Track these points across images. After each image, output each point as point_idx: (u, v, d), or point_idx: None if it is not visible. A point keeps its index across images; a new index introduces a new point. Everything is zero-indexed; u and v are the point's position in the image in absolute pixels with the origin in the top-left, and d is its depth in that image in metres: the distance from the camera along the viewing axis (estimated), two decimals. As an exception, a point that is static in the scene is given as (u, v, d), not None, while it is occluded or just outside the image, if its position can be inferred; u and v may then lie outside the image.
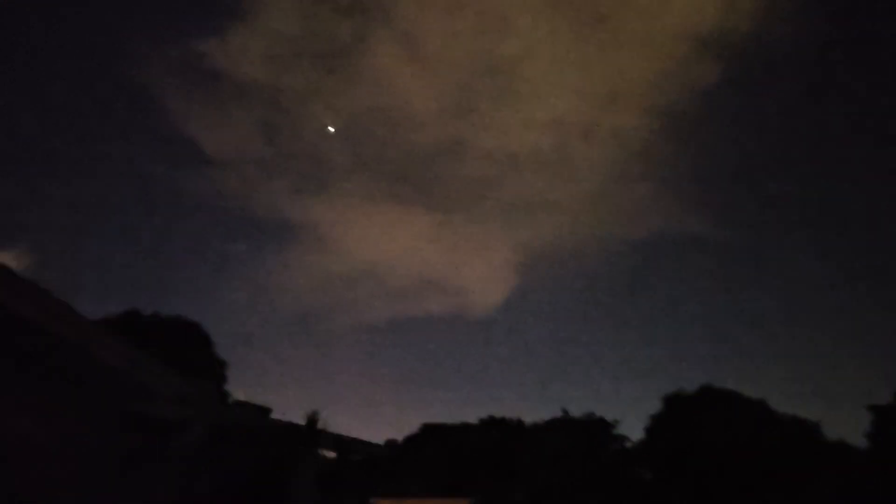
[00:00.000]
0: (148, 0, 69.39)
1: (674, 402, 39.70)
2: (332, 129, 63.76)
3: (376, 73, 67.39)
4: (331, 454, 15.74)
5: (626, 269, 73.31)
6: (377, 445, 18.84)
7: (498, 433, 48.49)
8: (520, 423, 49.62)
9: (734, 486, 36.04)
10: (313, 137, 70.58)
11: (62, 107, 63.55)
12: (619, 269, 73.33)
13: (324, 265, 72.68)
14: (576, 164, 70.93)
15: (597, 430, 39.98)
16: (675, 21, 62.15)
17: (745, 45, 61.95)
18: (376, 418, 72.36)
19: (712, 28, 60.83)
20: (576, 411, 42.02)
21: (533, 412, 62.33)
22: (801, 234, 71.13)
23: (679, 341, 70.16)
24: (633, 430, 43.50)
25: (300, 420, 13.73)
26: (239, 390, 43.34)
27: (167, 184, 70.04)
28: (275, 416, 14.29)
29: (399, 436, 54.86)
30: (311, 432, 13.45)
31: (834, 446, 36.87)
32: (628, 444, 40.61)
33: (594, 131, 69.19)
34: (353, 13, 67.49)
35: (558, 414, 42.51)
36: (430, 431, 53.30)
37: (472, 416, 51.50)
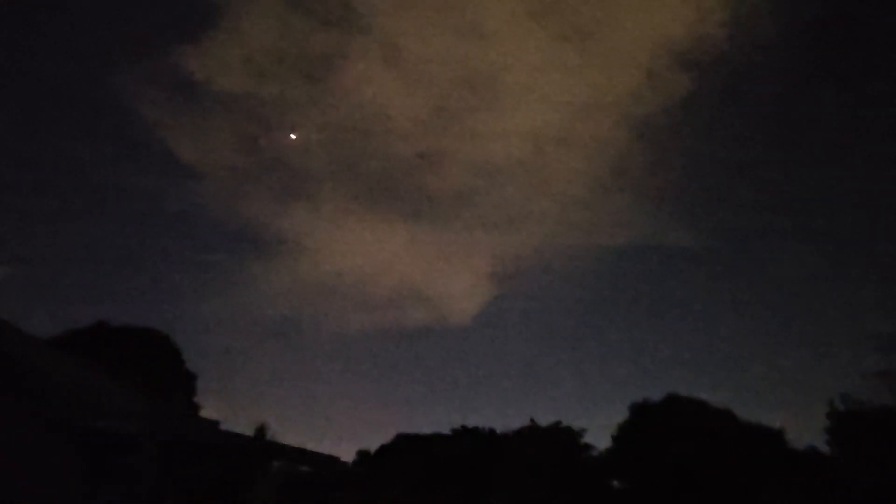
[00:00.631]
0: (122, 7, 68.92)
1: (640, 411, 40.13)
2: (294, 136, 63.75)
3: (355, 83, 67.57)
4: (291, 467, 15.80)
5: (602, 280, 73.97)
6: (334, 458, 18.88)
7: (471, 443, 48.65)
8: (492, 432, 49.84)
9: (701, 494, 36.49)
10: (291, 147, 70.51)
11: (33, 115, 62.92)
12: (595, 280, 73.96)
13: (301, 275, 72.49)
14: (554, 174, 71.57)
15: (564, 438, 40.31)
16: (650, 34, 63.12)
17: (719, 56, 63.03)
18: (351, 428, 72.14)
19: (687, 41, 61.85)
20: (544, 420, 42.33)
21: (505, 421, 62.51)
22: (777, 244, 72.22)
23: (647, 350, 70.80)
24: (601, 438, 43.89)
25: (252, 432, 13.80)
26: (209, 403, 43.10)
27: (141, 193, 69.51)
28: (232, 428, 14.34)
29: (373, 446, 54.91)
30: (262, 445, 13.51)
31: (797, 453, 37.52)
32: (595, 453, 40.96)
33: (572, 141, 69.95)
34: (332, 23, 67.62)
35: (527, 423, 42.76)
36: (404, 441, 53.35)
37: (446, 426, 51.63)
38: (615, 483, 40.88)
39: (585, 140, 68.98)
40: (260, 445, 13.51)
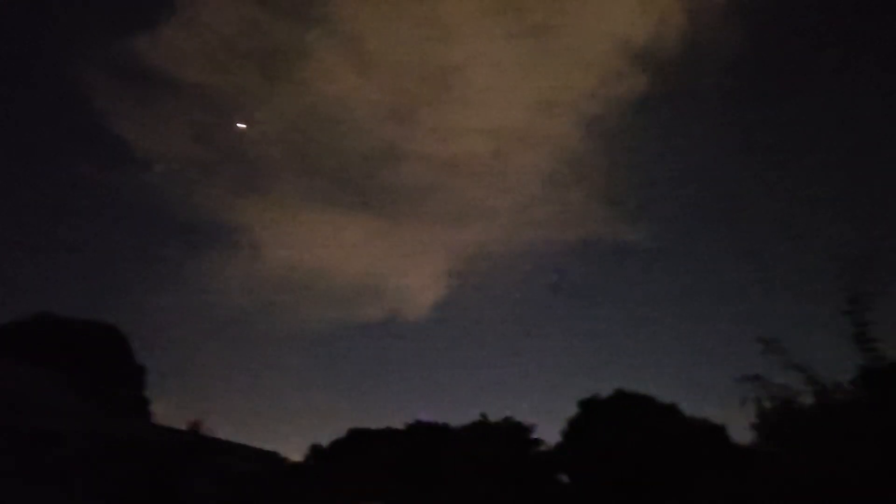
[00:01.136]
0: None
1: (589, 407, 40.75)
2: (242, 126, 63.15)
3: (315, 76, 67.34)
4: (228, 463, 15.77)
5: (557, 275, 74.82)
6: (273, 454, 18.91)
7: (424, 438, 48.83)
8: (445, 427, 50.11)
9: (647, 487, 37.24)
10: (249, 139, 69.80)
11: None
12: (548, 276, 74.86)
13: (256, 269, 72.03)
14: (511, 170, 72.37)
15: (514, 433, 40.74)
16: (609, 35, 64.18)
17: (674, 58, 64.41)
18: (305, 423, 71.90)
19: (644, 42, 63.07)
20: (495, 415, 42.72)
21: (458, 416, 62.95)
22: (726, 241, 73.99)
23: (597, 346, 72.07)
24: (551, 434, 44.50)
25: (184, 427, 13.72)
26: (160, 396, 42.53)
27: (92, 183, 68.19)
28: (177, 423, 14.25)
29: (326, 441, 54.72)
30: (197, 440, 13.46)
31: (738, 447, 38.46)
32: (545, 448, 41.49)
33: (529, 139, 70.63)
34: (291, 15, 67.22)
35: (478, 418, 43.10)
36: (357, 436, 53.27)
37: (399, 421, 51.77)
38: (563, 477, 41.46)
39: (542, 137, 69.87)
40: (195, 441, 13.45)
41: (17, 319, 39.41)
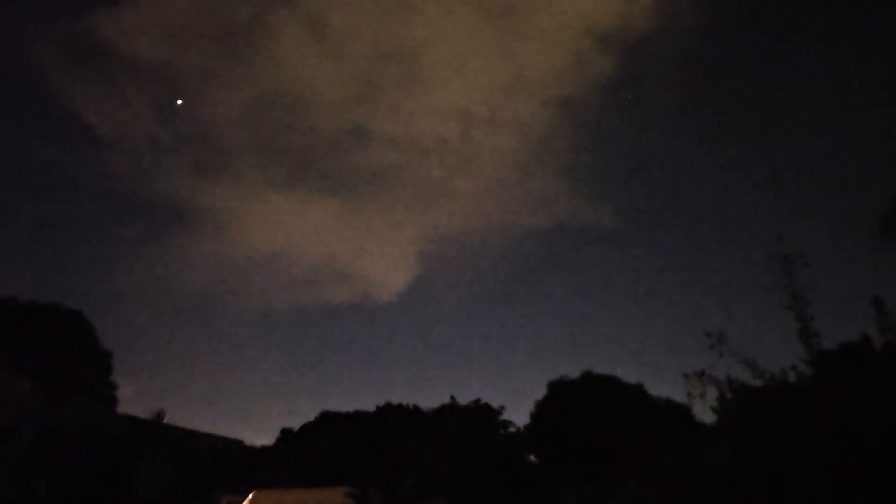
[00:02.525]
0: (31, -31, 65.43)
1: (558, 388, 41.23)
2: (180, 102, 62.13)
3: (278, 56, 66.38)
4: (186, 451, 15.66)
5: (523, 260, 75.25)
6: (236, 441, 18.81)
7: (394, 420, 49.09)
8: (416, 409, 50.39)
9: (613, 467, 37.84)
10: (211, 120, 68.73)
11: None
12: (516, 260, 75.20)
13: (222, 251, 71.28)
14: (479, 153, 72.21)
15: (483, 416, 41.03)
16: (576, 16, 64.12)
17: (641, 42, 64.58)
18: (276, 406, 71.69)
19: (611, 24, 63.10)
20: (465, 398, 42.95)
21: (428, 399, 63.32)
22: (692, 224, 74.84)
23: (566, 328, 72.71)
24: (520, 416, 44.97)
25: (149, 414, 13.59)
26: (125, 381, 42.05)
27: (51, 164, 66.77)
28: (138, 408, 14.09)
29: (297, 424, 54.78)
30: (157, 430, 13.35)
31: (702, 426, 39.22)
32: (514, 430, 41.91)
33: (497, 121, 70.48)
34: (254, -7, 65.94)
35: (447, 401, 43.31)
36: (327, 419, 53.41)
37: (370, 404, 51.98)
38: (532, 458, 41.95)
39: (509, 119, 69.83)
40: (151, 430, 13.34)
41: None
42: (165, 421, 13.45)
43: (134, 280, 67.63)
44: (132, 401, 42.31)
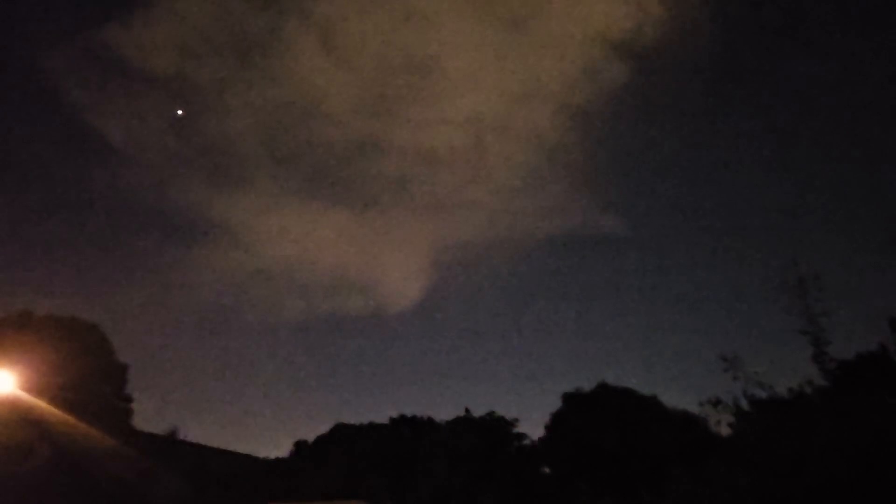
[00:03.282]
0: (48, -14, 66.43)
1: (572, 400, 41.00)
2: (181, 113, 62.37)
3: (291, 68, 66.74)
4: (201, 466, 15.73)
5: (537, 269, 75.08)
6: (251, 457, 18.88)
7: (408, 432, 49.02)
8: (430, 421, 50.31)
9: (628, 479, 37.55)
10: (225, 131, 69.32)
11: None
12: (530, 269, 74.99)
13: (236, 262, 71.55)
14: (492, 162, 72.12)
15: (498, 428, 40.96)
16: (589, 25, 64.04)
17: (654, 50, 64.34)
18: (290, 419, 71.74)
19: (624, 33, 62.87)
20: (480, 410, 42.92)
21: (443, 410, 63.11)
22: (706, 234, 74.39)
23: (580, 339, 72.23)
24: (535, 428, 44.75)
25: (164, 427, 13.69)
26: (141, 394, 42.28)
27: (69, 177, 67.49)
28: (153, 423, 14.21)
29: (310, 436, 54.81)
30: (171, 446, 13.43)
31: (719, 438, 38.84)
32: (528, 442, 41.77)
33: (510, 130, 70.50)
34: (267, 5, 66.58)
35: (462, 413, 43.30)
36: (341, 431, 53.37)
37: (384, 415, 51.90)
38: (546, 470, 41.75)
39: (522, 128, 69.76)
40: (166, 447, 13.42)
41: (-5, 318, 38.90)
42: (180, 437, 13.60)
43: (148, 292, 68.04)
44: (146, 413, 42.47)
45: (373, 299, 74.39)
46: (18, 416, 10.64)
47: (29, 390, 13.19)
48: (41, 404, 11.68)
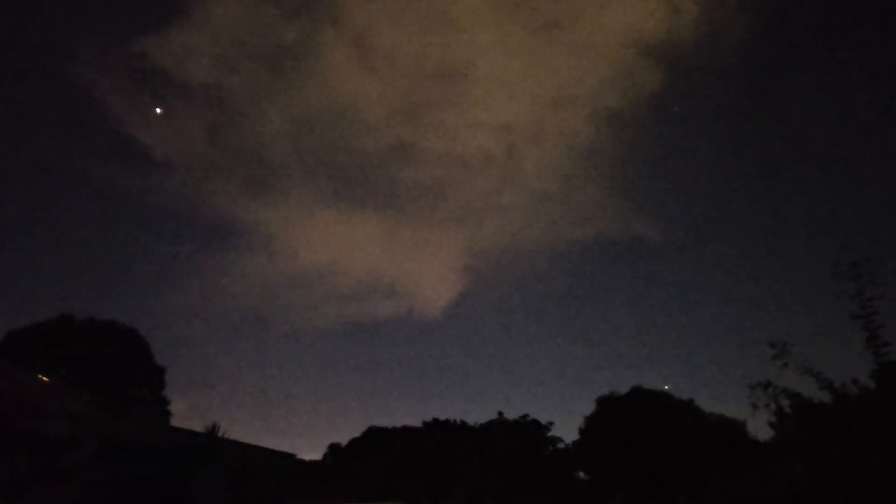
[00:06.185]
0: (87, -2, 68.05)
1: (607, 403, 40.60)
2: (159, 111, 62.94)
3: (324, 75, 67.34)
4: (240, 464, 15.87)
5: (570, 274, 74.63)
6: (289, 455, 18.97)
7: (441, 435, 48.94)
8: (463, 424, 50.18)
9: (665, 484, 37.07)
10: (260, 139, 70.21)
11: (-3, 107, 62.03)
12: (564, 274, 74.58)
13: (270, 268, 72.34)
14: (524, 167, 71.95)
15: (531, 431, 40.69)
16: (621, 29, 63.57)
17: (687, 53, 63.71)
18: (324, 422, 72.23)
19: (657, 36, 62.30)
20: (513, 413, 42.71)
21: (476, 414, 63.00)
22: (739, 239, 73.28)
23: (614, 342, 71.61)
24: (569, 431, 44.45)
25: (202, 428, 13.85)
26: (178, 396, 42.95)
27: (109, 183, 68.91)
28: (194, 422, 14.41)
29: (344, 439, 55.15)
30: (212, 443, 13.58)
31: (758, 443, 38.17)
32: (562, 446, 41.42)
33: (542, 135, 70.27)
34: (301, 14, 67.25)
35: (495, 416, 43.13)
36: (375, 434, 53.57)
37: (417, 419, 51.95)
38: (581, 474, 41.38)
39: (555, 133, 69.44)
40: (206, 444, 13.58)
41: (37, 322, 39.91)
42: (220, 434, 13.75)
43: (186, 297, 69.14)
44: (184, 416, 43.16)
45: (405, 304, 74.66)
46: (64, 409, 10.87)
47: (71, 387, 13.54)
48: (85, 399, 11.96)
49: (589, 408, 41.63)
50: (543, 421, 41.77)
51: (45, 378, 11.59)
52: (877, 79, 63.03)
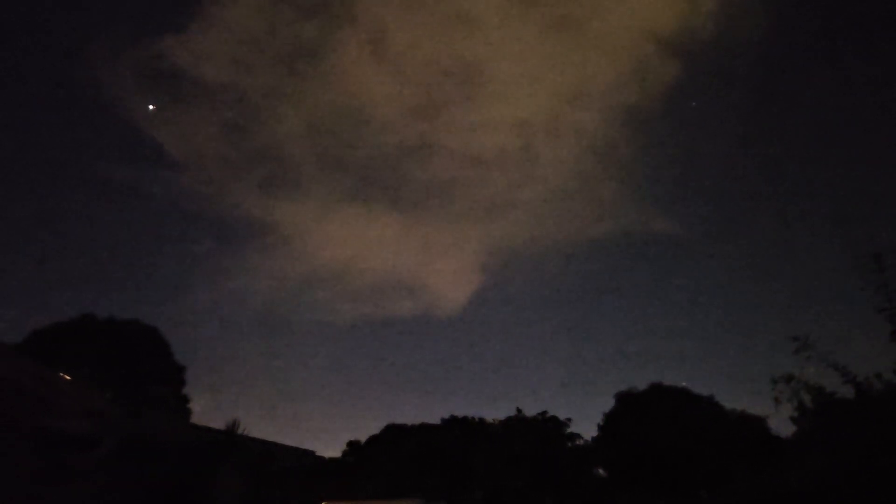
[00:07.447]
0: None
1: (626, 400, 40.36)
2: (152, 108, 63.23)
3: (341, 73, 67.55)
4: (260, 461, 15.95)
5: (588, 270, 74.30)
6: (308, 452, 19.02)
7: (459, 433, 48.94)
8: (482, 421, 50.14)
9: (685, 480, 36.80)
10: (277, 138, 70.56)
11: (14, 109, 62.82)
12: (581, 270, 74.27)
13: (289, 266, 72.75)
14: (541, 164, 71.70)
15: (550, 428, 40.57)
16: (637, 22, 63.10)
17: (704, 47, 63.08)
18: (342, 419, 72.54)
19: (674, 29, 61.79)
20: (531, 410, 42.59)
21: (494, 411, 62.99)
22: (760, 232, 72.56)
23: (633, 338, 71.20)
24: (588, 428, 44.21)
25: (221, 426, 13.92)
26: (198, 394, 43.27)
27: (127, 184, 69.62)
28: (214, 420, 14.50)
29: (363, 436, 55.31)
30: (231, 440, 13.65)
31: (779, 439, 37.75)
32: (582, 442, 41.26)
33: (559, 131, 69.98)
34: (317, 13, 67.52)
35: (514, 413, 43.03)
36: (393, 432, 53.67)
37: (435, 416, 51.99)
38: (600, 471, 41.18)
39: (572, 129, 69.09)
40: (226, 441, 13.66)
41: (58, 321, 40.33)
42: (240, 431, 13.84)
43: (205, 295, 69.71)
44: (204, 414, 43.47)
45: (422, 301, 74.72)
46: (85, 407, 10.97)
47: (92, 385, 13.68)
48: (106, 397, 12.08)
49: (608, 404, 41.44)
50: (562, 417, 41.68)
51: (66, 376, 11.70)
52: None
